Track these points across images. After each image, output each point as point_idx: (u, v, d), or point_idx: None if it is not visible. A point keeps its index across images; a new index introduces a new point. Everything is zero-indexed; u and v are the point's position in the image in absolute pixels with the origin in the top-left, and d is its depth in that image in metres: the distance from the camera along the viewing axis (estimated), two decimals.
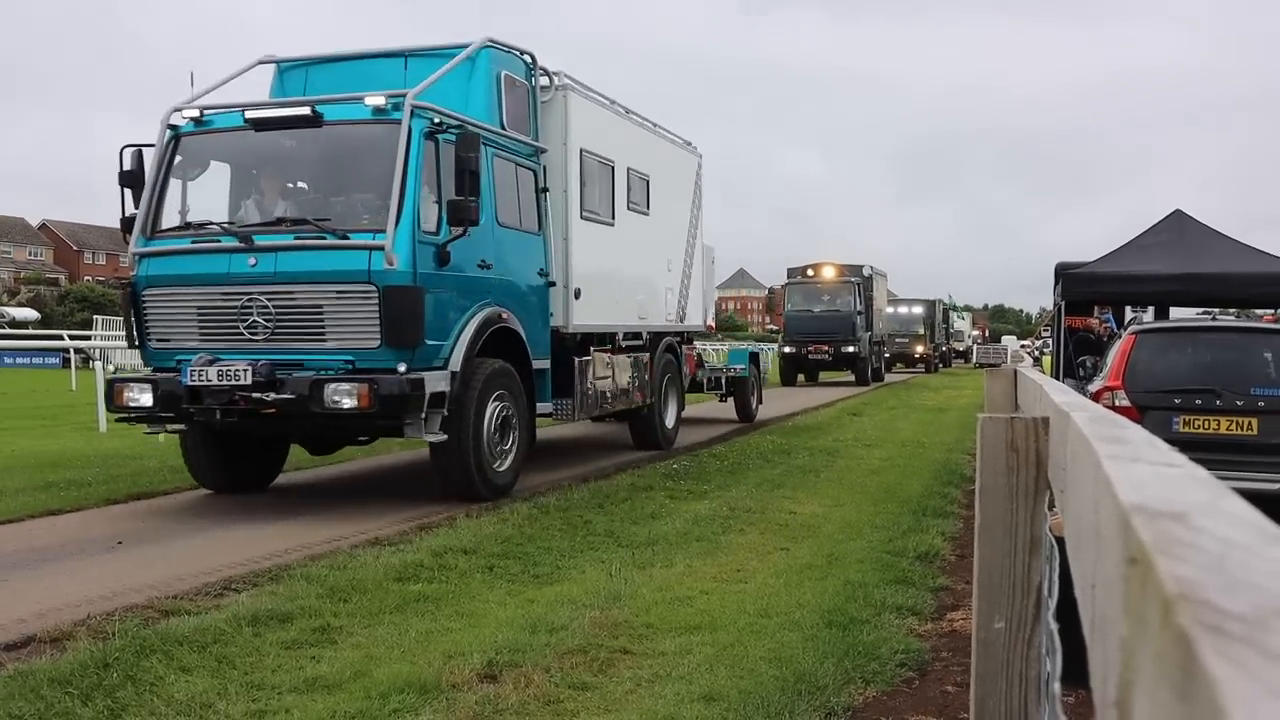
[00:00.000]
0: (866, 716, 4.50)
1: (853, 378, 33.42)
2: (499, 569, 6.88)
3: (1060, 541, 1.81)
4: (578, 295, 11.64)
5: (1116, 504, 0.68)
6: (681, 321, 15.55)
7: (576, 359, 11.72)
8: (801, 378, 33.32)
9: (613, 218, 12.84)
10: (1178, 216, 11.92)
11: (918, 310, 47.51)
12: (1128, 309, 14.72)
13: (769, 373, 20.92)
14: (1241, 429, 7.95)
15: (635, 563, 7.11)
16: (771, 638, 5.38)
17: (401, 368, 8.64)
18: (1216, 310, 11.71)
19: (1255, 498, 0.71)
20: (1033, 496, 2.05)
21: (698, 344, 18.65)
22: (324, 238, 8.87)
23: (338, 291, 8.77)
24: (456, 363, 9.20)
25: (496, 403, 9.70)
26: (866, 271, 34.87)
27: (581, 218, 11.87)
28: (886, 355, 39.41)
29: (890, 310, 42.08)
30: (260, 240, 9.00)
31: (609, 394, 12.56)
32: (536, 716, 4.35)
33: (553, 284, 11.25)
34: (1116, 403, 7.88)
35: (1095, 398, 7.75)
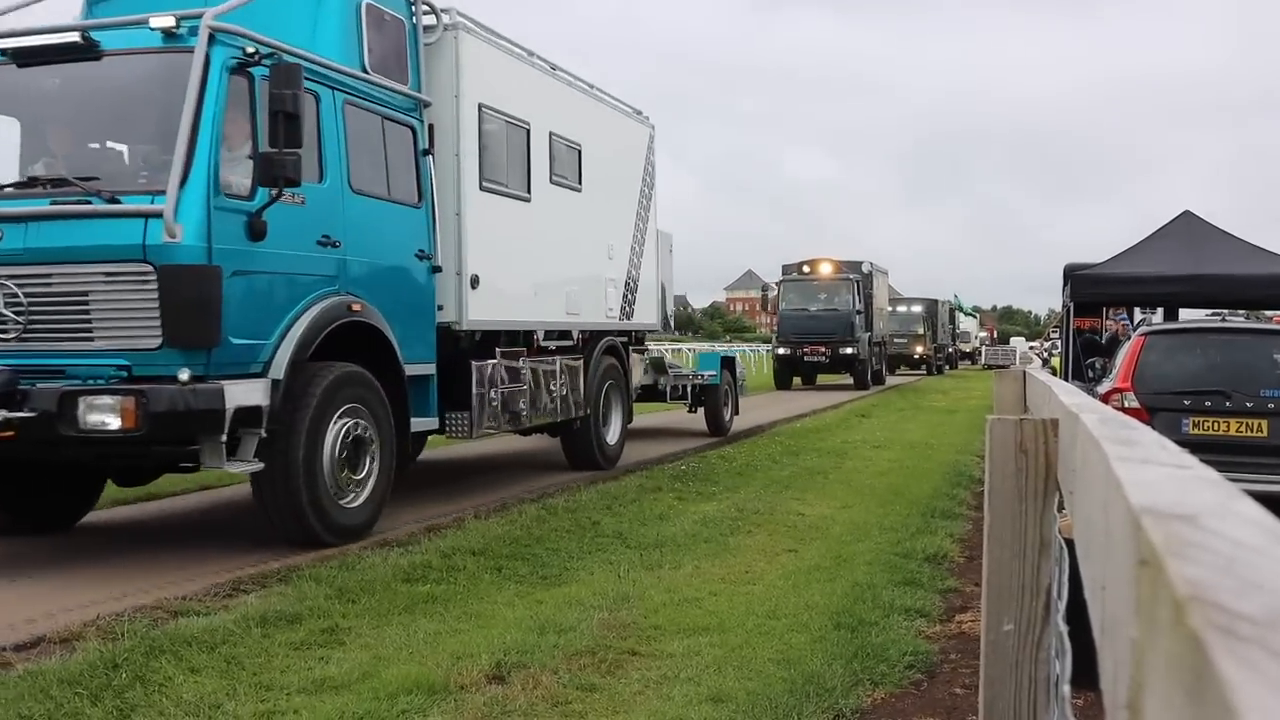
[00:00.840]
0: (874, 718, 4.50)
1: (851, 381, 31.17)
2: (507, 570, 6.88)
3: (1069, 543, 1.81)
4: (475, 284, 9.52)
5: (1127, 506, 0.68)
6: (628, 319, 13.22)
7: (474, 363, 9.63)
8: (798, 381, 31.40)
9: (528, 191, 10.64)
10: (1187, 217, 11.91)
11: (917, 309, 44.76)
12: (1136, 310, 14.70)
13: (746, 380, 18.47)
14: (1252, 431, 7.93)
15: (643, 564, 7.11)
16: (780, 639, 5.37)
17: (184, 375, 6.61)
18: (1226, 311, 11.69)
19: (1266, 500, 0.71)
20: (1042, 498, 2.04)
21: (666, 346, 17.35)
22: (90, 202, 6.86)
23: (106, 274, 6.80)
24: (280, 368, 7.23)
25: (344, 419, 7.68)
26: (866, 268, 32.86)
27: (481, 189, 9.71)
28: (888, 356, 37.12)
29: (889, 309, 39.46)
30: (6, 207, 6.99)
31: (523, 405, 10.39)
32: (545, 718, 4.36)
33: (438, 269, 9.16)
34: (1125, 404, 7.86)
35: (1104, 399, 7.73)
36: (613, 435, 12.60)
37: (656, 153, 14.25)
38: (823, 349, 29.91)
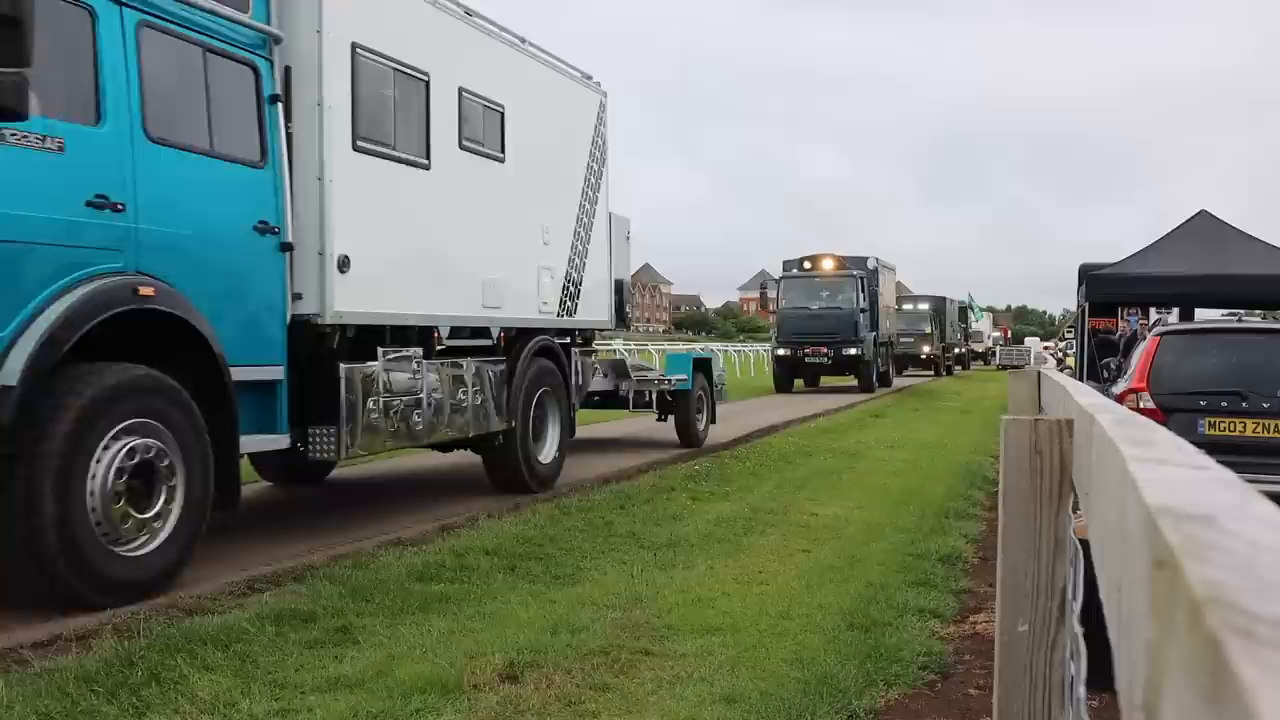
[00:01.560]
0: (888, 719, 4.49)
1: (856, 383, 29.23)
2: (521, 569, 6.89)
3: (1085, 544, 1.80)
4: (343, 267, 7.62)
5: (1143, 506, 0.68)
6: (570, 315, 11.24)
7: (343, 366, 7.75)
8: (800, 383, 29.62)
9: (427, 157, 8.76)
10: (1203, 217, 11.86)
11: (924, 307, 42.91)
12: (1152, 310, 14.65)
13: (725, 385, 16.40)
14: (1268, 431, 7.88)
15: (657, 564, 7.11)
16: (793, 639, 5.37)
17: None
18: (1243, 311, 11.63)
19: None
20: (1057, 499, 2.04)
21: (633, 346, 15.58)
22: None
23: None
24: (13, 373, 5.43)
25: (125, 439, 5.89)
26: (871, 264, 30.99)
27: (355, 149, 7.87)
28: (895, 357, 35.31)
29: (896, 308, 36.94)
30: None
31: (418, 417, 8.52)
32: (558, 717, 4.36)
33: (289, 247, 7.30)
34: (1141, 405, 7.83)
35: (1119, 400, 7.70)
36: (547, 452, 10.64)
37: (609, 124, 12.23)
38: (825, 350, 28.15)
